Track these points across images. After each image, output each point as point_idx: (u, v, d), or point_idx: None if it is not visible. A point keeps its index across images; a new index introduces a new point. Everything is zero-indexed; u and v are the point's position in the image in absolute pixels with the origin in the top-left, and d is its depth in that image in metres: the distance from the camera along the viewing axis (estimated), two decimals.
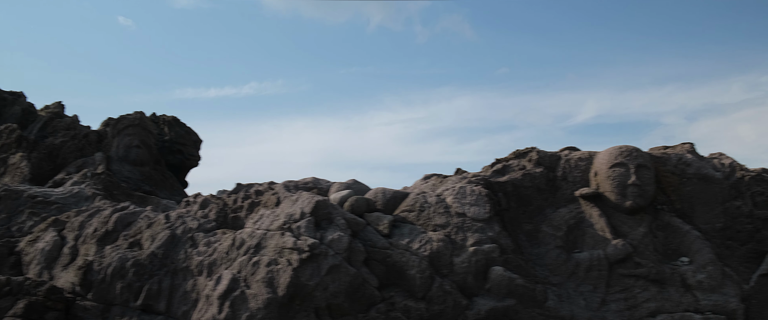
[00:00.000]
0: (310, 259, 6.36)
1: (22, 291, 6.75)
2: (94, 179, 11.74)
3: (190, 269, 6.92)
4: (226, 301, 6.30)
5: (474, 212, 6.97)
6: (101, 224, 7.67)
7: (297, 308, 6.31)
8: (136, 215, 7.71)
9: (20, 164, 12.56)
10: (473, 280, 6.62)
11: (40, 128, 14.75)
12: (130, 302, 6.78)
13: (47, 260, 7.64)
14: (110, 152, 13.67)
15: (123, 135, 13.75)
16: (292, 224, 6.69)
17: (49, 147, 13.36)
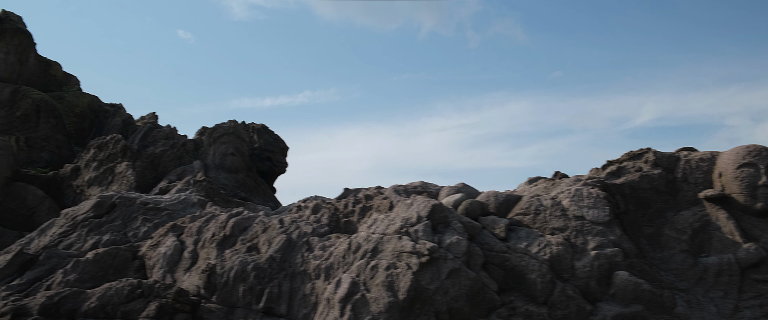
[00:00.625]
0: (430, 263, 6.40)
1: (153, 293, 7.12)
2: (196, 186, 12.27)
3: (308, 272, 7.11)
4: (347, 305, 6.43)
5: (593, 215, 6.82)
6: (218, 228, 8.01)
7: (417, 312, 6.36)
8: (251, 219, 8.00)
9: (126, 172, 13.28)
10: (596, 285, 6.47)
11: (141, 137, 15.57)
12: (252, 305, 7.03)
13: (169, 264, 8.04)
14: (207, 160, 14.25)
15: (218, 143, 14.30)
16: (409, 228, 6.76)
17: (150, 156, 14.07)
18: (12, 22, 15.65)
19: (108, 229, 10.23)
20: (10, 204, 12.68)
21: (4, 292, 9.16)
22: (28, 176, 13.55)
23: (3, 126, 15.16)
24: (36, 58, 16.68)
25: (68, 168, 14.03)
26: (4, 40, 15.57)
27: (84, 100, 17.07)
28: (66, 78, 17.75)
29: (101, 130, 17.18)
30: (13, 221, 12.58)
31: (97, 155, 13.88)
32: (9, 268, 9.65)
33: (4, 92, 15.47)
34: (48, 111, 15.82)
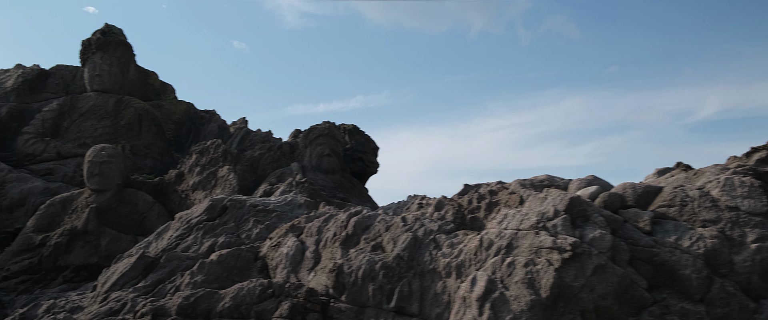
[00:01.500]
0: (573, 259, 6.14)
1: (284, 293, 7.21)
2: (298, 187, 12.45)
3: (438, 271, 7.00)
4: (485, 303, 6.26)
5: (749, 206, 6.36)
6: (339, 228, 8.03)
7: (561, 310, 6.12)
8: (372, 218, 7.98)
9: (228, 176, 13.65)
10: (759, 280, 6.02)
11: (238, 142, 15.99)
12: (383, 304, 6.99)
13: (292, 264, 8.14)
14: (303, 162, 14.45)
15: (314, 145, 14.48)
16: (546, 223, 6.52)
17: (249, 159, 14.41)
18: (114, 35, 16.46)
19: (222, 231, 10.50)
20: (123, 209, 13.28)
21: (132, 294, 9.54)
22: (136, 183, 14.17)
23: (109, 135, 15.95)
24: (135, 68, 17.46)
25: (173, 174, 14.57)
26: (108, 52, 16.38)
27: (181, 107, 17.75)
28: (163, 87, 18.52)
29: (198, 136, 17.80)
30: (126, 225, 13.17)
31: (199, 160, 14.35)
32: (133, 271, 10.06)
33: (108, 103, 16.27)
34: (149, 119, 16.52)
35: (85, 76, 16.63)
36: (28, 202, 14.35)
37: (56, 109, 16.09)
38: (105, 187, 13.22)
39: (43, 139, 15.66)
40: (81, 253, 12.51)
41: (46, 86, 17.00)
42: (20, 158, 15.52)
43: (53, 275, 12.50)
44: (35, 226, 13.05)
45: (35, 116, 16.12)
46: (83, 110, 16.13)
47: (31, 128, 15.83)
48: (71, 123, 16.05)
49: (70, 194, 13.46)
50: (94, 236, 12.60)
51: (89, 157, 13.28)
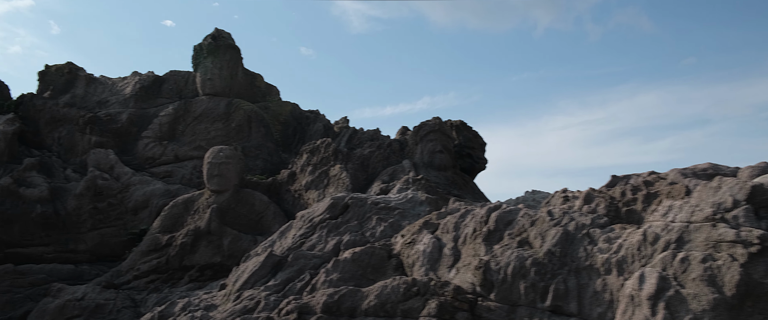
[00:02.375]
0: (761, 253, 5.59)
1: (429, 291, 7.05)
2: (415, 184, 12.31)
3: (595, 267, 6.61)
4: (658, 302, 5.82)
5: None
6: (478, 224, 7.79)
7: (749, 310, 5.58)
8: (514, 213, 7.68)
9: (340, 175, 13.72)
10: None
11: (347, 140, 16.10)
12: (536, 303, 6.68)
13: (430, 261, 7.98)
14: (414, 159, 14.32)
15: (425, 141, 14.31)
16: (724, 214, 5.99)
17: (360, 158, 14.43)
18: (224, 39, 17.02)
19: (346, 230, 10.52)
20: (241, 209, 13.64)
21: (264, 292, 9.70)
22: (250, 183, 14.53)
23: (221, 137, 16.48)
24: (243, 71, 17.98)
25: (285, 174, 14.85)
26: (218, 56, 16.95)
27: (286, 108, 18.12)
28: (268, 89, 18.98)
29: (304, 136, 18.11)
30: (245, 225, 13.52)
31: (310, 160, 14.53)
32: (262, 270, 10.23)
33: (220, 106, 16.83)
34: (258, 121, 16.95)
35: (197, 81, 17.29)
36: (151, 204, 15.06)
37: (172, 113, 16.82)
38: (224, 188, 13.64)
39: (161, 143, 16.41)
40: (205, 253, 12.95)
41: (161, 91, 17.82)
42: (141, 161, 16.33)
43: (180, 274, 13.02)
44: (161, 227, 13.65)
45: (153, 120, 16.92)
46: (197, 114, 16.77)
47: (150, 133, 16.62)
48: (186, 126, 16.72)
49: (191, 196, 13.98)
50: (217, 236, 13.01)
51: (208, 159, 13.75)
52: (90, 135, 16.37)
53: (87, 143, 16.44)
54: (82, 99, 17.97)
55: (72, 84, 18.29)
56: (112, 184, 15.34)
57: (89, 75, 18.46)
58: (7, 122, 16.39)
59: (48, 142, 17.21)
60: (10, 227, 14.51)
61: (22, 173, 15.53)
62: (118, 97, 17.70)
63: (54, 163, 16.57)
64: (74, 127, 16.85)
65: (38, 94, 17.91)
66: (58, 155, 16.99)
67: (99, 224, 14.97)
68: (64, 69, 18.37)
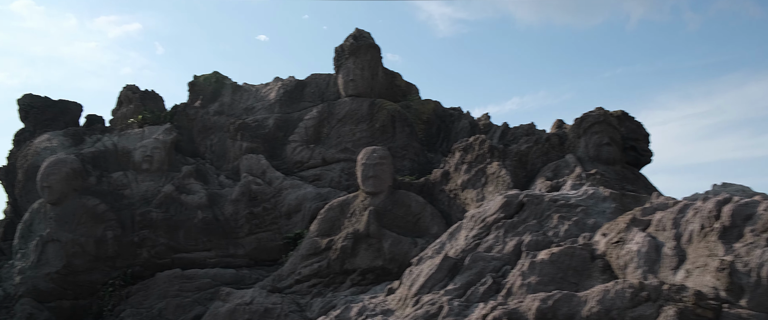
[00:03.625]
0: None
1: (662, 296, 6.34)
2: (590, 180, 11.52)
3: None
4: None
5: None
6: (708, 219, 6.95)
7: None
8: (753, 206, 6.78)
9: (499, 172, 13.16)
10: None
11: (499, 136, 15.53)
12: None
13: (647, 262, 7.25)
14: (578, 153, 13.48)
15: (589, 134, 13.44)
16: None
17: (517, 154, 13.80)
18: (364, 39, 17.03)
19: (525, 229, 9.96)
20: (398, 211, 13.46)
21: (445, 296, 9.34)
22: (403, 184, 14.33)
23: (365, 139, 16.45)
24: (383, 70, 17.91)
25: (438, 173, 14.51)
26: (359, 56, 16.98)
27: (429, 106, 17.83)
28: (408, 87, 18.81)
29: (449, 134, 17.74)
30: (402, 227, 13.32)
31: (464, 158, 14.09)
32: (439, 273, 9.91)
33: (363, 107, 16.82)
34: (402, 121, 16.78)
35: (339, 82, 17.42)
36: (304, 207, 15.27)
37: (316, 116, 17.04)
38: (379, 189, 13.52)
39: (308, 146, 16.65)
40: (366, 256, 12.87)
41: (303, 95, 18.14)
42: (290, 165, 16.66)
43: (341, 278, 13.03)
44: (318, 230, 13.76)
45: (298, 124, 17.23)
46: (340, 116, 16.87)
47: (297, 137, 16.93)
48: (331, 129, 16.87)
49: (346, 198, 13.99)
50: (376, 239, 12.89)
51: (362, 160, 13.69)
52: (241, 141, 16.92)
53: (238, 149, 17.01)
54: (229, 107, 18.68)
55: (219, 93, 19.07)
56: (266, 189, 15.73)
57: (234, 83, 19.17)
58: (165, 131, 17.32)
59: (201, 150, 18.03)
60: (175, 233, 15.26)
61: (182, 180, 16.32)
62: (263, 103, 18.22)
63: (208, 170, 17.31)
64: (225, 134, 17.51)
65: (189, 104, 18.83)
66: (210, 162, 17.75)
67: (255, 228, 15.39)
68: (211, 78, 19.21)
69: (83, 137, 17.35)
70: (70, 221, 15.14)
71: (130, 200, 15.83)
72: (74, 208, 15.23)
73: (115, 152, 17.06)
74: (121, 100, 19.52)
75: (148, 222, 15.22)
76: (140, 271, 15.15)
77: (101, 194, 15.78)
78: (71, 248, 14.76)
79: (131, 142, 17.21)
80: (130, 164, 16.75)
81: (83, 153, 16.42)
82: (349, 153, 16.32)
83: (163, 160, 16.68)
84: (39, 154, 16.51)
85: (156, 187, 16.23)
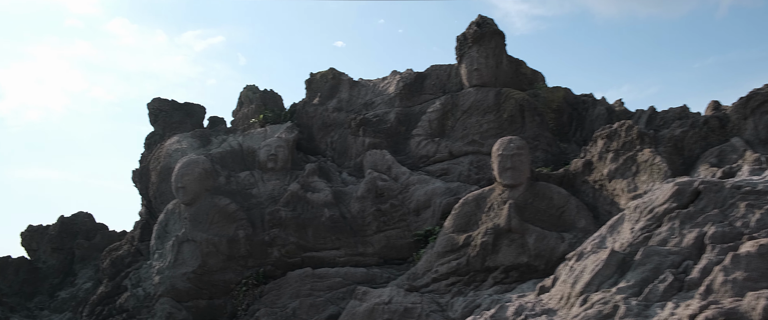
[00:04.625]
0: None
1: None
2: None
3: None
4: None
5: None
6: None
7: None
8: None
9: (653, 160, 12.14)
10: None
11: (647, 121, 14.43)
12: None
13: None
14: (745, 136, 12.18)
15: (759, 114, 12.13)
16: None
17: (671, 140, 12.68)
18: (488, 26, 16.38)
19: (705, 220, 8.99)
20: (539, 204, 12.73)
21: (618, 295, 8.62)
22: (540, 176, 13.55)
23: (494, 130, 15.79)
24: (507, 58, 17.18)
25: (578, 163, 13.63)
26: (483, 44, 16.35)
27: (558, 94, 16.92)
28: (533, 75, 17.97)
29: (582, 122, 16.76)
30: (545, 221, 12.59)
31: (608, 146, 13.13)
32: (607, 270, 9.17)
33: (488, 97, 16.17)
34: (531, 110, 15.99)
35: (462, 72, 16.86)
36: (433, 203, 14.83)
37: (440, 109, 16.56)
38: (518, 181, 12.84)
39: (433, 140, 16.20)
40: (508, 252, 12.23)
41: (424, 87, 17.72)
42: (415, 160, 16.28)
43: (482, 276, 12.46)
44: (454, 226, 13.25)
45: (421, 118, 16.82)
46: (465, 107, 16.30)
47: (420, 130, 16.52)
48: (456, 121, 16.34)
49: (482, 192, 13.41)
50: (519, 234, 12.22)
51: (498, 151, 13.05)
52: (363, 137, 16.73)
53: (360, 145, 16.84)
54: (347, 103, 18.59)
55: (336, 89, 19.03)
56: (392, 185, 15.43)
57: (351, 79, 19.06)
58: (287, 130, 17.45)
59: (322, 147, 18.03)
60: (304, 231, 15.26)
61: (306, 178, 16.33)
62: (382, 97, 17.97)
63: (330, 167, 17.26)
64: (346, 130, 17.40)
65: (307, 101, 18.90)
66: (332, 159, 17.70)
67: (383, 226, 15.11)
68: (328, 75, 19.20)
69: (210, 138, 17.81)
70: (204, 221, 15.50)
71: (257, 200, 16.02)
72: (207, 208, 15.58)
73: (241, 152, 17.37)
74: (242, 100, 19.92)
75: (278, 221, 15.31)
76: (272, 270, 15.26)
77: (230, 193, 16.07)
78: (206, 247, 15.10)
79: (255, 141, 17.46)
80: (256, 163, 16.98)
81: (211, 154, 16.81)
82: (477, 145, 15.71)
83: (286, 158, 16.78)
84: (170, 156, 17.08)
85: (281, 186, 16.34)
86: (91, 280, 18.67)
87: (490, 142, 15.58)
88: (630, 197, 12.10)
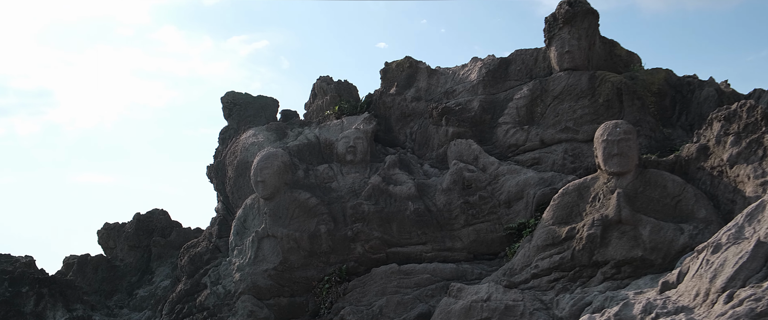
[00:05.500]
0: None
1: None
2: None
3: None
4: None
5: None
6: None
7: None
8: None
9: None
10: None
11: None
12: None
13: None
14: None
15: None
16: None
17: None
18: (581, 4, 15.43)
19: None
20: (652, 193, 11.78)
21: None
22: (650, 163, 12.55)
23: (589, 116, 14.85)
24: (600, 39, 16.18)
25: (691, 149, 12.55)
26: (575, 25, 15.43)
27: (659, 76, 15.80)
28: (629, 56, 16.88)
29: (688, 106, 15.60)
30: (659, 211, 11.61)
31: (727, 129, 12.01)
32: (753, 262, 8.20)
33: (582, 81, 15.23)
34: (630, 93, 14.95)
35: (552, 56, 15.95)
36: (526, 194, 14.02)
37: (528, 95, 15.70)
38: (626, 168, 11.90)
39: (522, 128, 15.36)
40: (619, 246, 11.31)
41: (508, 73, 16.89)
42: (502, 150, 15.49)
43: (590, 271, 11.58)
44: (554, 218, 12.41)
45: (507, 105, 16.01)
46: (556, 93, 15.39)
47: (508, 118, 15.71)
48: (546, 108, 15.45)
49: (584, 181, 12.52)
50: (630, 226, 11.28)
51: (603, 136, 12.14)
52: (446, 126, 16.03)
53: (443, 135, 16.16)
54: (426, 92, 17.94)
55: (414, 78, 18.41)
56: (480, 175, 14.68)
57: (429, 67, 18.40)
58: (365, 121, 16.94)
59: (400, 138, 17.43)
60: (388, 226, 14.70)
61: (387, 171, 15.76)
62: (464, 85, 17.23)
63: (410, 159, 16.64)
64: (428, 120, 16.75)
65: (384, 91, 18.35)
66: (411, 150, 17.08)
67: (472, 219, 14.39)
68: (405, 64, 18.61)
69: (285, 131, 17.48)
70: (284, 216, 15.14)
71: (337, 193, 15.55)
72: (287, 203, 15.21)
73: (318, 144, 16.96)
74: (316, 92, 19.55)
75: (361, 215, 14.80)
76: (355, 267, 14.77)
77: (309, 187, 15.67)
78: (287, 243, 14.74)
79: (332, 133, 17.02)
80: (334, 156, 16.54)
81: (288, 147, 16.46)
82: (572, 133, 14.78)
83: (365, 150, 16.27)
84: (247, 149, 16.82)
85: (362, 178, 15.83)
86: (169, 278, 18.65)
87: (585, 129, 14.67)
88: (758, 184, 11.00)
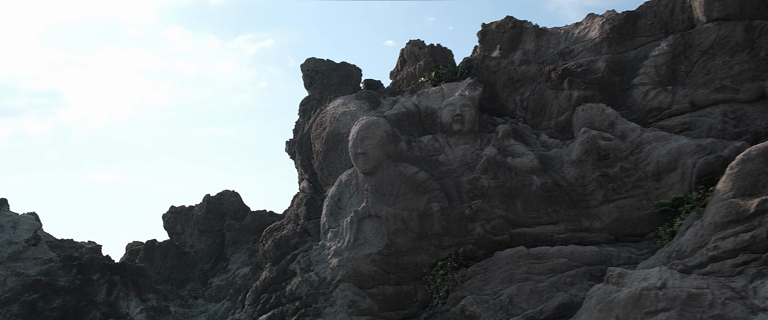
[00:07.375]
0: None
1: None
2: None
3: None
4: None
5: None
6: None
7: None
8: None
9: None
10: None
11: None
12: None
13: None
14: None
15: None
16: None
17: None
18: None
19: None
20: None
21: None
22: None
23: (749, 72, 12.88)
24: None
25: None
26: None
27: None
28: None
29: None
30: None
31: None
32: None
33: (736, 32, 13.23)
34: None
35: (696, 5, 13.98)
36: (682, 164, 12.14)
37: (668, 51, 13.77)
38: None
39: (665, 89, 13.45)
40: None
41: (637, 29, 14.94)
42: (641, 114, 13.62)
43: None
44: (735, 189, 10.50)
45: (641, 64, 14.10)
46: (704, 47, 13.42)
47: (645, 78, 13.82)
48: (692, 65, 13.50)
49: None
50: None
51: None
52: (569, 90, 14.20)
53: (565, 100, 14.34)
54: (535, 54, 16.10)
55: (518, 40, 16.58)
56: (618, 144, 12.83)
57: (536, 26, 16.54)
58: (470, 87, 15.21)
59: (509, 106, 15.65)
60: (512, 203, 12.98)
61: (501, 141, 14.03)
62: (583, 44, 15.33)
63: (523, 129, 14.87)
64: (543, 85, 14.94)
65: (486, 55, 16.56)
66: (523, 119, 15.30)
67: (612, 194, 12.58)
68: (507, 24, 16.78)
69: (378, 100, 15.85)
70: (388, 193, 13.52)
71: (448, 167, 13.86)
72: (391, 178, 13.59)
73: (418, 114, 15.28)
74: (405, 58, 17.88)
75: (479, 191, 13.09)
76: (473, 250, 13.09)
77: (414, 160, 14.01)
78: (393, 224, 13.13)
79: (433, 101, 15.33)
80: (437, 125, 14.86)
81: (386, 116, 14.84)
82: (730, 92, 12.82)
83: (473, 119, 14.58)
84: (338, 120, 15.24)
85: (473, 150, 14.12)
86: (247, 265, 17.24)
87: (747, 87, 12.72)
88: None
